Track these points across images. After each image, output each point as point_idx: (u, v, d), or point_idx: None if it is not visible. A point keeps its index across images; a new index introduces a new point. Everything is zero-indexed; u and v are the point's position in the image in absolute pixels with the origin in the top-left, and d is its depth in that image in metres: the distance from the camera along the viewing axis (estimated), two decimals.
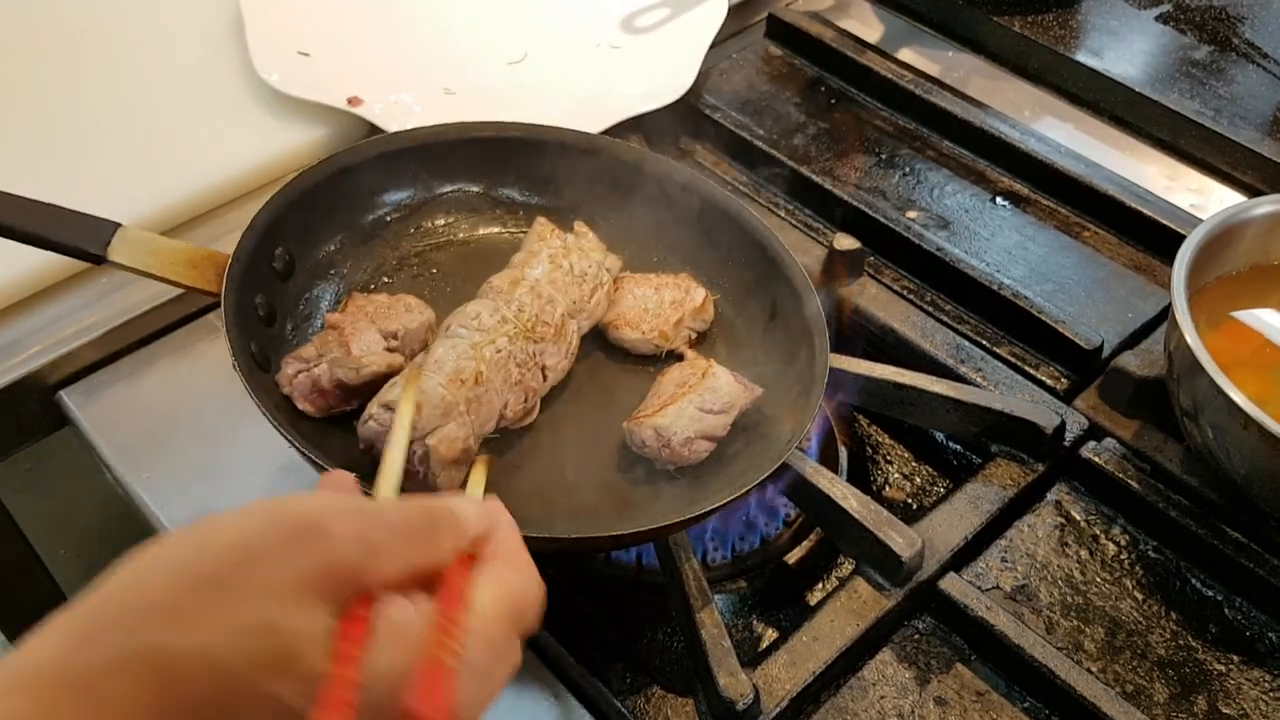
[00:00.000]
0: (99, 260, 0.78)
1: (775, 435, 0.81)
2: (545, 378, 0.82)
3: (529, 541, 0.73)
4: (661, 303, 0.89)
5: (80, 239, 0.79)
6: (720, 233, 0.93)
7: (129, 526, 1.03)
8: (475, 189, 0.97)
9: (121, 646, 0.38)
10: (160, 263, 0.79)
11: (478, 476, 0.65)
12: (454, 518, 0.49)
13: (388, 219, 0.94)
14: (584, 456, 0.81)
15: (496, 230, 0.96)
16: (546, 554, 0.79)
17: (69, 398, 0.91)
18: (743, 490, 0.73)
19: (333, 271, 0.90)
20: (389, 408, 0.73)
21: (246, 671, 0.39)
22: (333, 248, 0.90)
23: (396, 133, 0.94)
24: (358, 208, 0.92)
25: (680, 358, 0.86)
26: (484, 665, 0.46)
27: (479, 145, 0.95)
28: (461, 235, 0.95)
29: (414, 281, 0.90)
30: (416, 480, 0.73)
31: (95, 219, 0.80)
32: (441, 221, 0.95)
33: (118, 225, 0.79)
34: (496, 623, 0.47)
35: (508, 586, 0.49)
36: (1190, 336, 0.77)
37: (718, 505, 0.73)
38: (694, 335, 0.90)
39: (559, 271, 0.85)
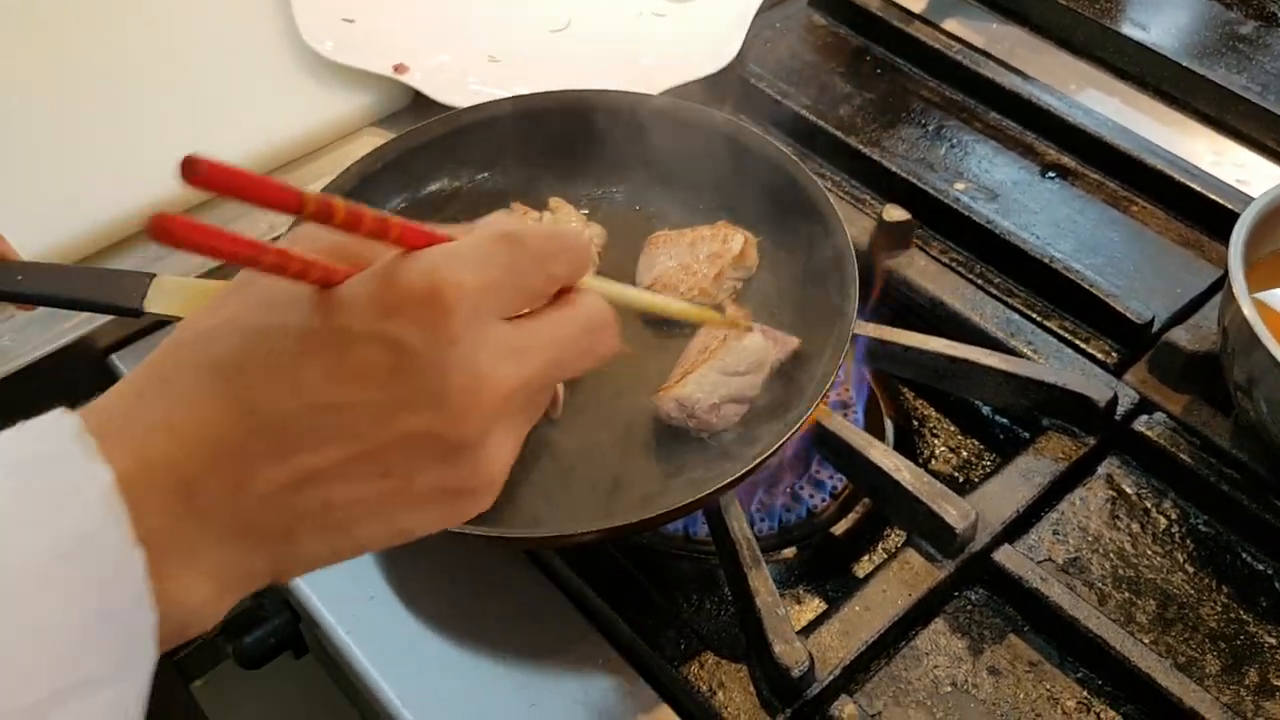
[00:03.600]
0: (137, 314, 0.79)
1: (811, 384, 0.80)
2: None
3: (579, 537, 0.73)
4: (697, 258, 0.86)
5: (116, 297, 0.79)
6: (754, 174, 0.91)
7: None
8: (492, 175, 0.96)
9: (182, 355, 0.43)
10: (195, 307, 0.79)
11: None
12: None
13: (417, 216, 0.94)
14: (623, 434, 0.81)
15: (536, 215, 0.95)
16: (602, 540, 0.79)
17: (120, 361, 0.92)
18: (775, 446, 0.72)
19: None
20: None
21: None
22: None
23: (407, 132, 0.93)
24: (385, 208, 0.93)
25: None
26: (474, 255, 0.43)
27: (491, 128, 0.94)
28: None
29: None
30: None
31: (129, 274, 0.81)
32: (479, 210, 0.94)
33: (152, 276, 0.80)
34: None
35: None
36: (1248, 310, 0.77)
37: (754, 464, 0.71)
38: (739, 286, 0.88)
39: None
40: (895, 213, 0.94)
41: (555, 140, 0.95)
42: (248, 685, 1.40)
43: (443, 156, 0.94)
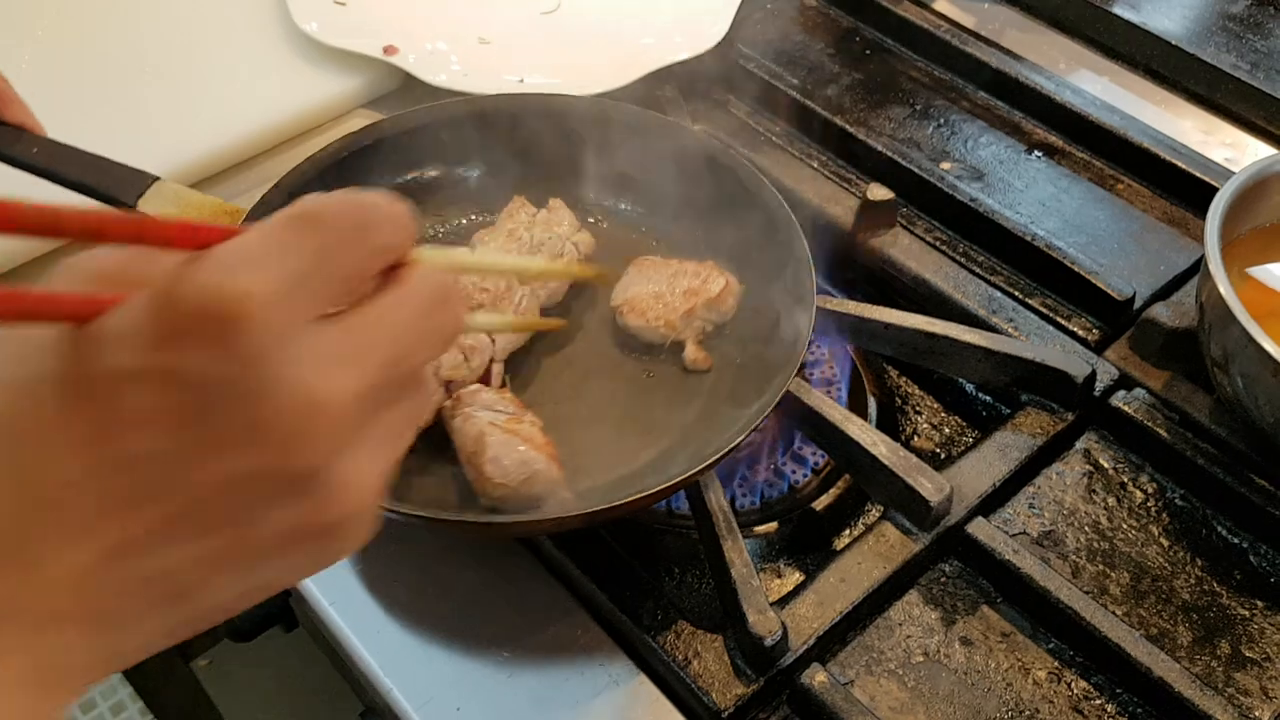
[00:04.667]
0: (129, 209, 0.82)
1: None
2: (493, 341, 0.82)
3: (565, 521, 0.74)
4: (674, 290, 0.86)
5: (115, 189, 0.83)
6: (745, 214, 0.90)
7: None
8: (512, 163, 0.96)
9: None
10: (184, 214, 0.83)
11: None
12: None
13: (416, 189, 0.94)
14: (598, 414, 0.83)
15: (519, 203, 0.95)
16: (587, 524, 0.79)
17: None
18: (755, 423, 0.73)
19: None
20: None
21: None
22: None
23: (434, 105, 0.94)
24: (388, 175, 0.93)
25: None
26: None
27: (503, 120, 0.94)
28: (489, 212, 0.94)
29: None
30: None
31: (134, 171, 0.84)
32: (469, 192, 0.95)
33: (155, 178, 0.83)
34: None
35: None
36: (1223, 286, 0.77)
37: (732, 445, 0.73)
38: (708, 328, 0.87)
39: (514, 243, 0.86)
40: (879, 191, 0.95)
41: (568, 143, 0.95)
42: (248, 662, 1.41)
43: (446, 143, 0.95)
